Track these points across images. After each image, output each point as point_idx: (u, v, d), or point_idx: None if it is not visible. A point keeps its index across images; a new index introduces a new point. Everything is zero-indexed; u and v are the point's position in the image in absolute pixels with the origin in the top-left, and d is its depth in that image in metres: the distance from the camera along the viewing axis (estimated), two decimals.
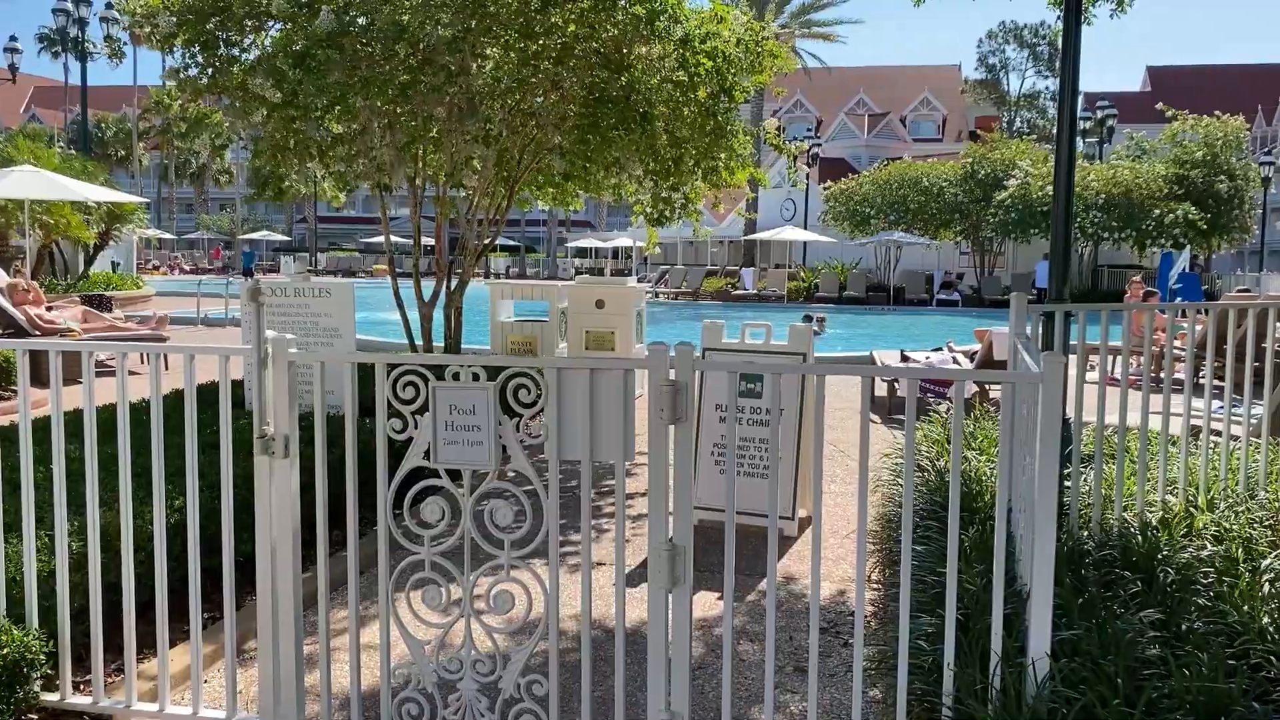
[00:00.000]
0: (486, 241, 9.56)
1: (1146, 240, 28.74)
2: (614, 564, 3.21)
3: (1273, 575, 3.86)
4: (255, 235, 61.44)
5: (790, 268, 36.46)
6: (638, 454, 3.25)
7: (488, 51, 8.10)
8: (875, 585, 5.11)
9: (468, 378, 3.22)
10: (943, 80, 72.43)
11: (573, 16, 7.87)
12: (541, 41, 7.69)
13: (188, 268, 57.05)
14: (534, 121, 8.00)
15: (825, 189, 36.46)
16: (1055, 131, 5.83)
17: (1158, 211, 27.98)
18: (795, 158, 9.74)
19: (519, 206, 11.09)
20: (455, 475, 3.28)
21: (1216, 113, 31.09)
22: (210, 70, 7.75)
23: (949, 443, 6.13)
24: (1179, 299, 22.83)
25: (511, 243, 65.67)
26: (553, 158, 8.19)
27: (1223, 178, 29.27)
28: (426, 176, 9.06)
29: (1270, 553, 4.17)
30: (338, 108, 7.71)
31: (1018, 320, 4.74)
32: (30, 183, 14.31)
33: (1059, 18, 7.98)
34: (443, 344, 9.32)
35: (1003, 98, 77.08)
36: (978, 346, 11.27)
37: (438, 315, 9.36)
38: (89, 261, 23.41)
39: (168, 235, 64.71)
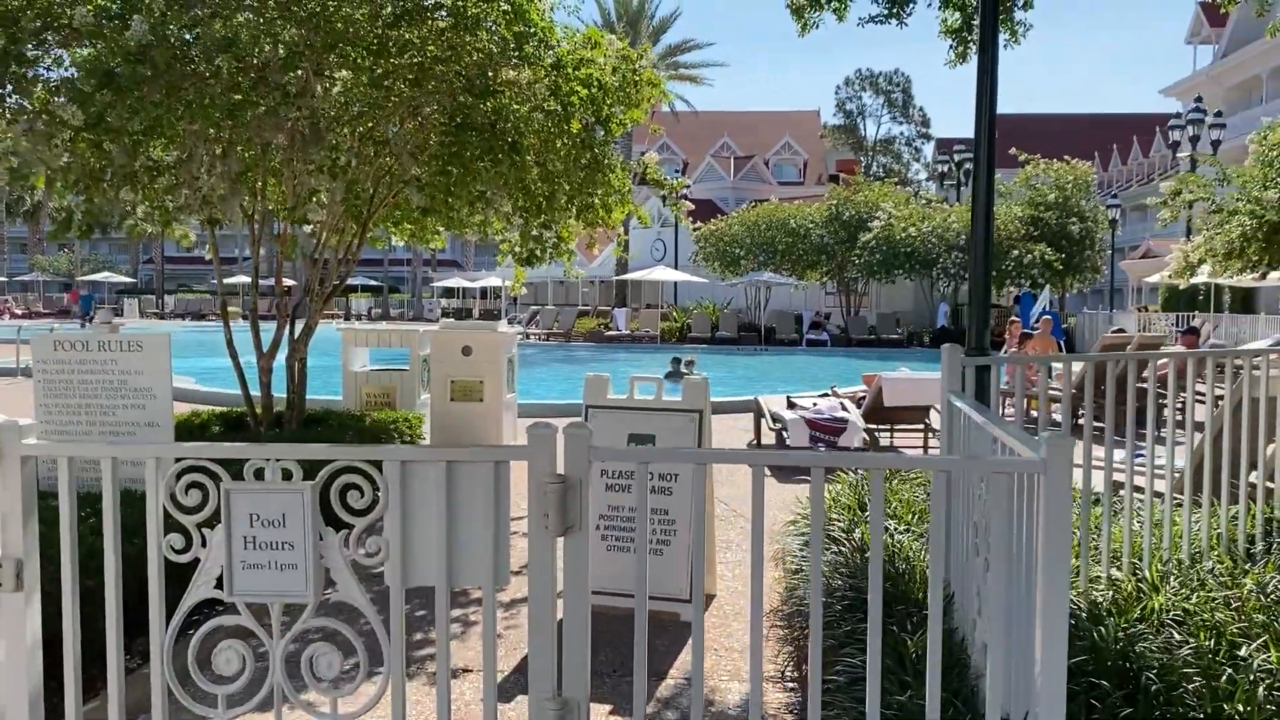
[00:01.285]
0: (336, 283, 8.57)
1: (1006, 280, 29.50)
2: None
3: (1263, 675, 3.29)
4: (96, 277, 57.69)
5: (662, 308, 36.14)
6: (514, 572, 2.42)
7: (337, 73, 7.20)
8: (792, 686, 4.38)
9: (276, 476, 2.34)
10: (803, 125, 74.16)
11: (430, 35, 7.06)
12: (395, 61, 6.84)
13: (19, 311, 53.06)
14: (388, 150, 7.11)
15: (695, 229, 36.36)
16: (972, 172, 5.33)
17: (1016, 252, 28.77)
18: (674, 191, 9.12)
19: (374, 245, 10.12)
20: (262, 611, 2.40)
21: (1066, 157, 32.37)
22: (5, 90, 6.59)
23: (863, 508, 5.50)
24: None
25: (374, 283, 63.64)
26: (410, 191, 7.31)
27: (1074, 220, 30.38)
28: (266, 211, 8.03)
29: (1244, 642, 3.62)
30: (157, 131, 6.67)
31: (951, 375, 4.12)
32: None
33: (952, 48, 7.63)
34: (285, 397, 8.27)
35: (860, 143, 79.56)
36: (864, 390, 10.84)
37: (282, 365, 8.32)
38: None
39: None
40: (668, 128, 59.72)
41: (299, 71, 6.45)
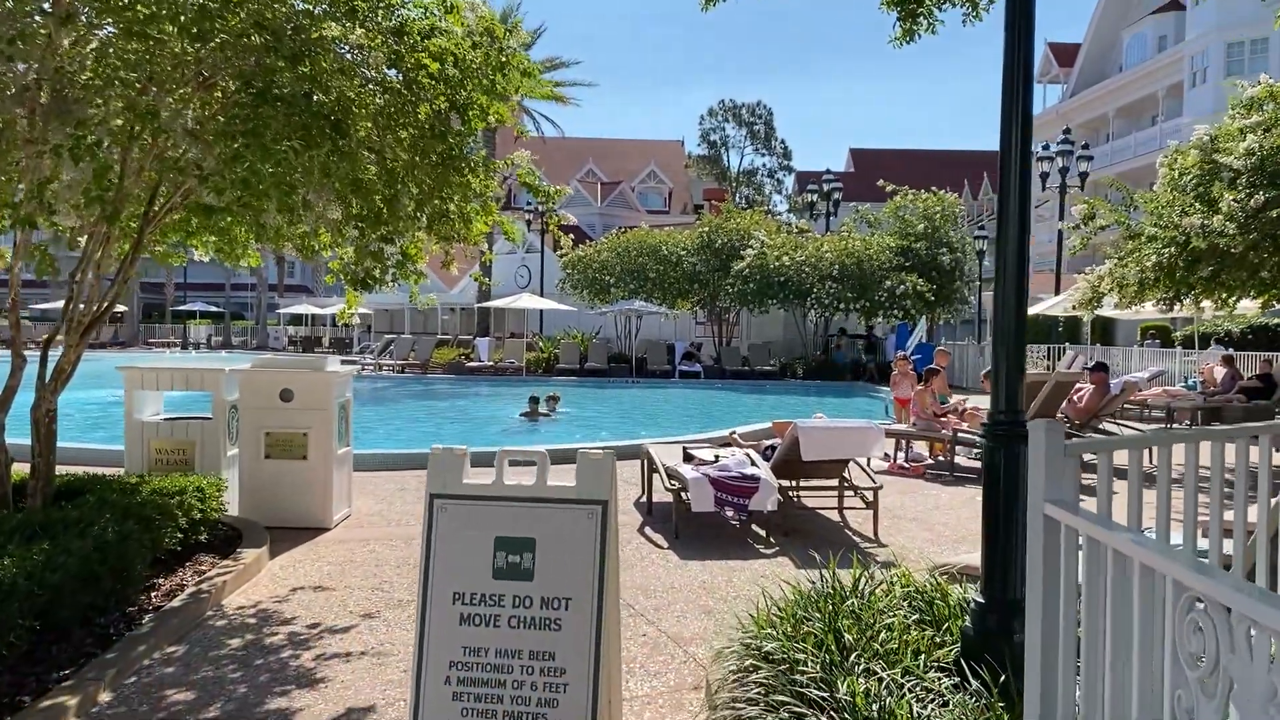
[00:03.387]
0: (101, 306, 6.45)
1: (879, 310, 28.87)
2: None
3: None
4: None
5: (528, 337, 34.22)
6: None
7: (88, 20, 5.19)
8: None
9: None
10: (668, 154, 73.74)
11: None
12: (164, 5, 4.90)
13: None
14: (158, 127, 5.13)
15: (562, 255, 34.67)
16: (999, 184, 3.80)
17: (889, 282, 28.17)
18: (553, 199, 7.39)
19: (159, 261, 8.00)
20: None
21: (934, 188, 32.17)
22: None
23: (845, 648, 3.82)
24: (917, 369, 22.64)
25: (215, 309, 59.43)
26: (189, 181, 5.35)
27: (944, 250, 30.06)
28: None
29: None
30: None
31: (1052, 472, 2.47)
32: None
33: (899, 22, 6.18)
34: (32, 462, 6.11)
35: (724, 173, 79.66)
36: (771, 439, 9.30)
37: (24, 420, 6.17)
38: None
39: None
40: (532, 150, 58.08)
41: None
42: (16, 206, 5.33)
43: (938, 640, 3.86)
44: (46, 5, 4.90)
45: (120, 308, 59.31)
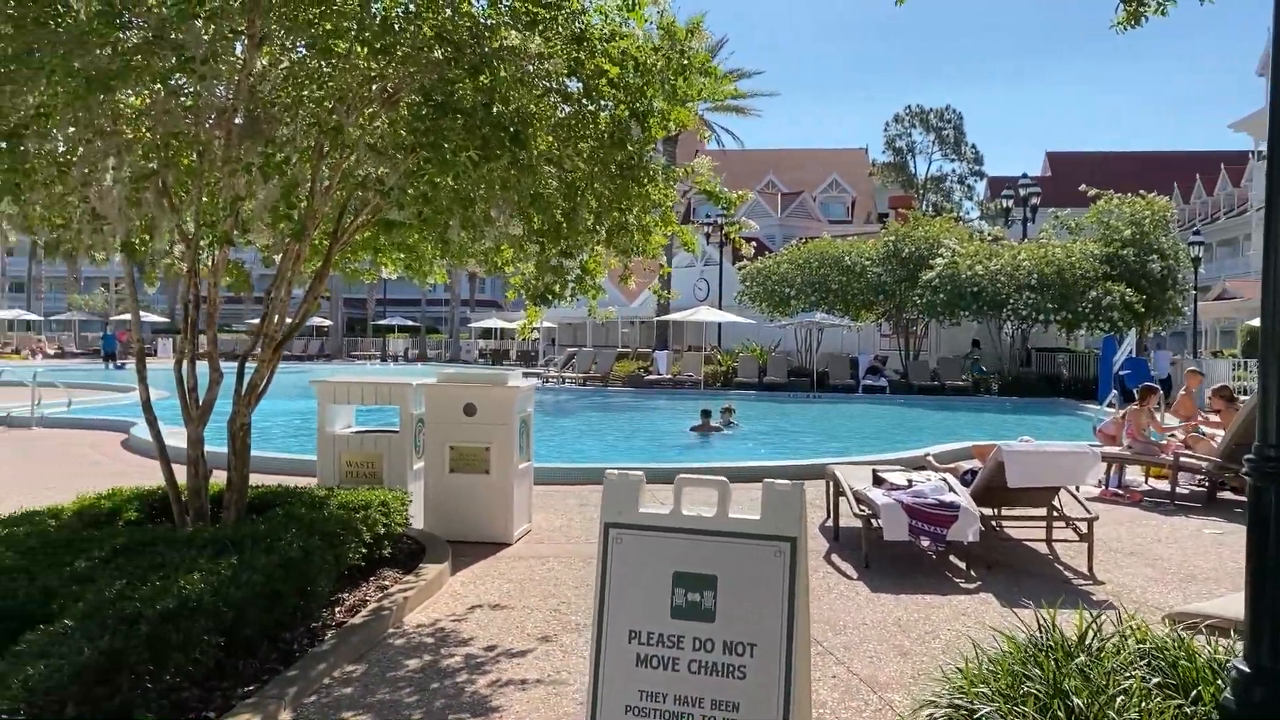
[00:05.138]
0: (294, 322, 6.60)
1: (1082, 322, 27.06)
2: None
3: None
4: (128, 316, 56.76)
5: (706, 350, 34.03)
6: None
7: (274, 35, 5.29)
8: None
9: None
10: (850, 163, 72.27)
11: None
12: (349, 20, 4.90)
13: (51, 351, 52.21)
14: (342, 143, 5.15)
15: (740, 268, 34.33)
16: (1269, 171, 3.21)
17: (1094, 293, 26.33)
18: (735, 207, 7.08)
19: (348, 279, 8.17)
20: None
21: (1141, 192, 30.00)
22: None
23: (1063, 706, 3.30)
24: (1127, 385, 20.93)
25: (412, 323, 62.28)
26: (371, 196, 5.35)
27: (1155, 257, 27.93)
28: (195, 230, 6.09)
29: None
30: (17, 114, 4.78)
31: None
32: None
33: (1123, 4, 5.55)
34: (227, 474, 6.30)
35: (910, 180, 77.37)
36: (971, 463, 8.66)
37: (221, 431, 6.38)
38: None
39: (34, 316, 59.64)
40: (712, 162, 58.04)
41: (203, 23, 4.53)
42: (215, 225, 5.47)
43: (1187, 711, 3.30)
44: (241, 27, 4.99)
45: (326, 322, 63.05)
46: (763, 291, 32.55)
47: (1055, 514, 7.83)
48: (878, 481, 8.01)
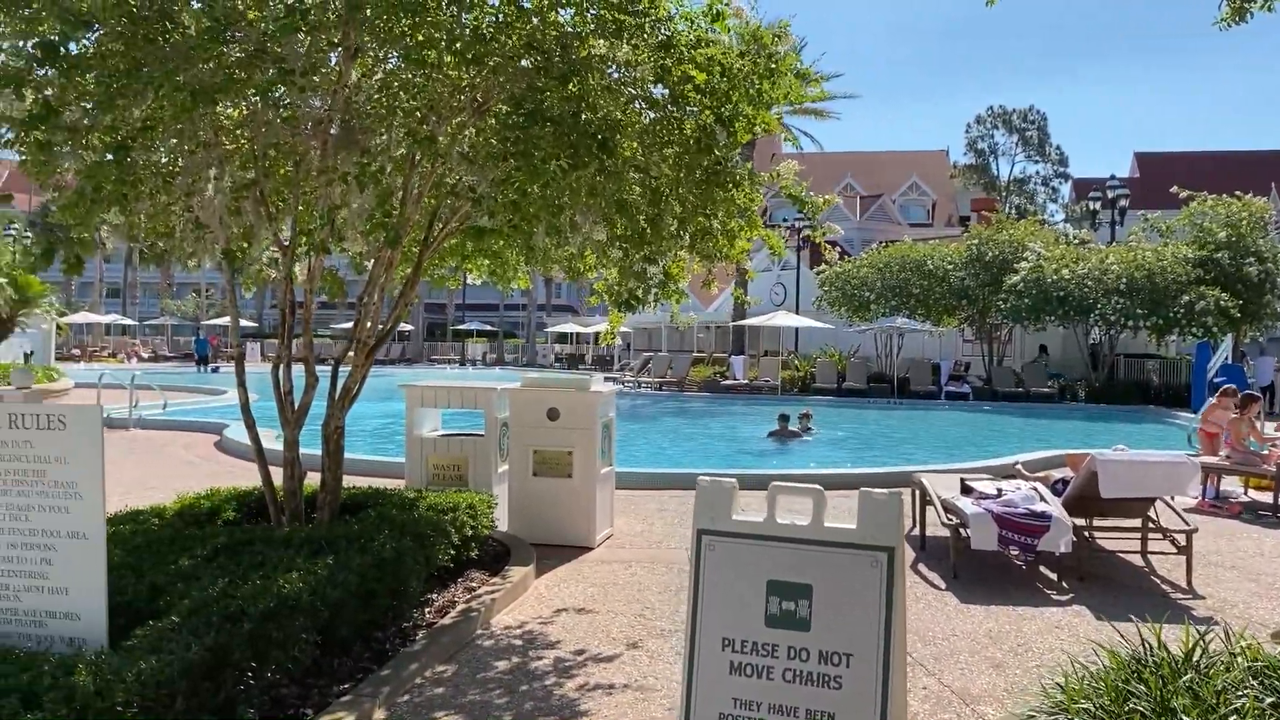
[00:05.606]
0: (385, 327, 6.74)
1: (1173, 327, 26.16)
2: None
3: None
4: (219, 321, 58.47)
5: (784, 355, 33.77)
6: None
7: (370, 48, 5.41)
8: None
9: None
10: (930, 165, 71.12)
11: None
12: (441, 31, 4.98)
13: (145, 355, 54.07)
14: (434, 152, 5.24)
15: (819, 272, 34.00)
16: None
17: (1187, 297, 25.45)
18: (816, 207, 7.02)
19: (434, 285, 8.31)
20: None
21: (1237, 193, 28.92)
22: None
23: None
24: None
25: (489, 328, 63.04)
26: (463, 204, 5.44)
27: (1251, 261, 26.88)
28: (292, 238, 6.26)
29: None
30: (124, 124, 4.97)
31: None
32: None
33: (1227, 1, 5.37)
34: (321, 476, 6.45)
35: (992, 182, 75.84)
36: (1061, 472, 8.45)
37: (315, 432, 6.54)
38: None
39: (129, 321, 61.80)
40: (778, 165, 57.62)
41: (304, 36, 4.65)
42: (311, 233, 5.61)
43: None
44: (337, 38, 5.11)
45: (407, 327, 64.24)
46: (842, 296, 32.16)
47: (1151, 525, 7.59)
48: (966, 490, 7.86)
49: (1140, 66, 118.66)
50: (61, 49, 4.69)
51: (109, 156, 5.18)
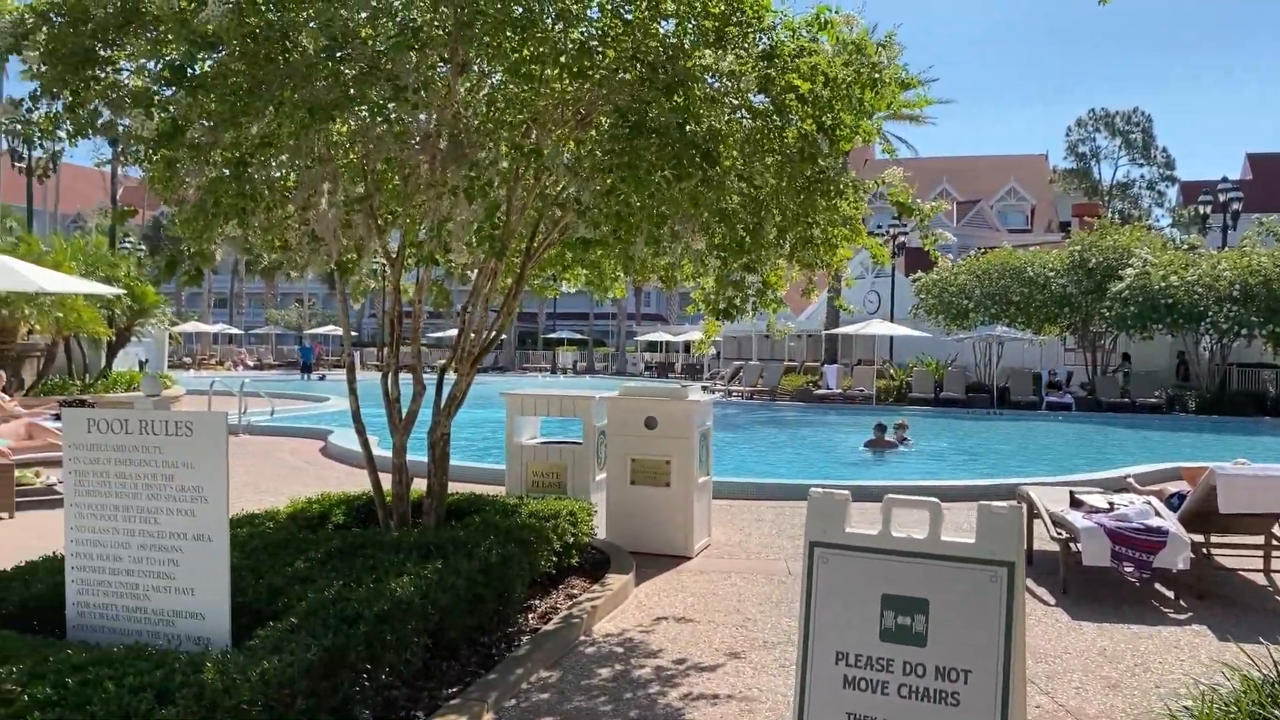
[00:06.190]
0: (489, 336, 6.86)
1: None
2: None
3: None
4: (323, 330, 60.29)
5: (878, 364, 33.27)
6: None
7: (476, 62, 5.52)
8: None
9: None
10: (1029, 170, 69.41)
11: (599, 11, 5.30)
12: (548, 46, 5.05)
13: (251, 363, 56.00)
14: (539, 164, 5.33)
15: (915, 280, 33.43)
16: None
17: None
18: (925, 214, 6.91)
19: (535, 294, 8.41)
20: None
21: None
22: (74, 100, 5.22)
23: None
24: None
25: (579, 336, 63.62)
26: (568, 217, 5.51)
27: None
28: (400, 250, 6.42)
29: None
30: (244, 141, 5.16)
31: None
32: None
33: None
34: (427, 482, 6.59)
35: (1094, 187, 73.54)
36: (1178, 486, 8.14)
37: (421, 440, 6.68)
38: (109, 359, 21.46)
39: (235, 330, 64.12)
40: (885, 171, 56.84)
41: (414, 53, 4.77)
42: (420, 245, 5.75)
43: None
44: (445, 54, 5.23)
45: (501, 335, 65.17)
46: (939, 304, 31.56)
47: (1276, 543, 7.26)
48: (1076, 504, 7.63)
49: (1251, 64, 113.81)
50: (187, 70, 4.90)
51: (227, 172, 5.39)
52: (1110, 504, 7.40)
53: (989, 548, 3.15)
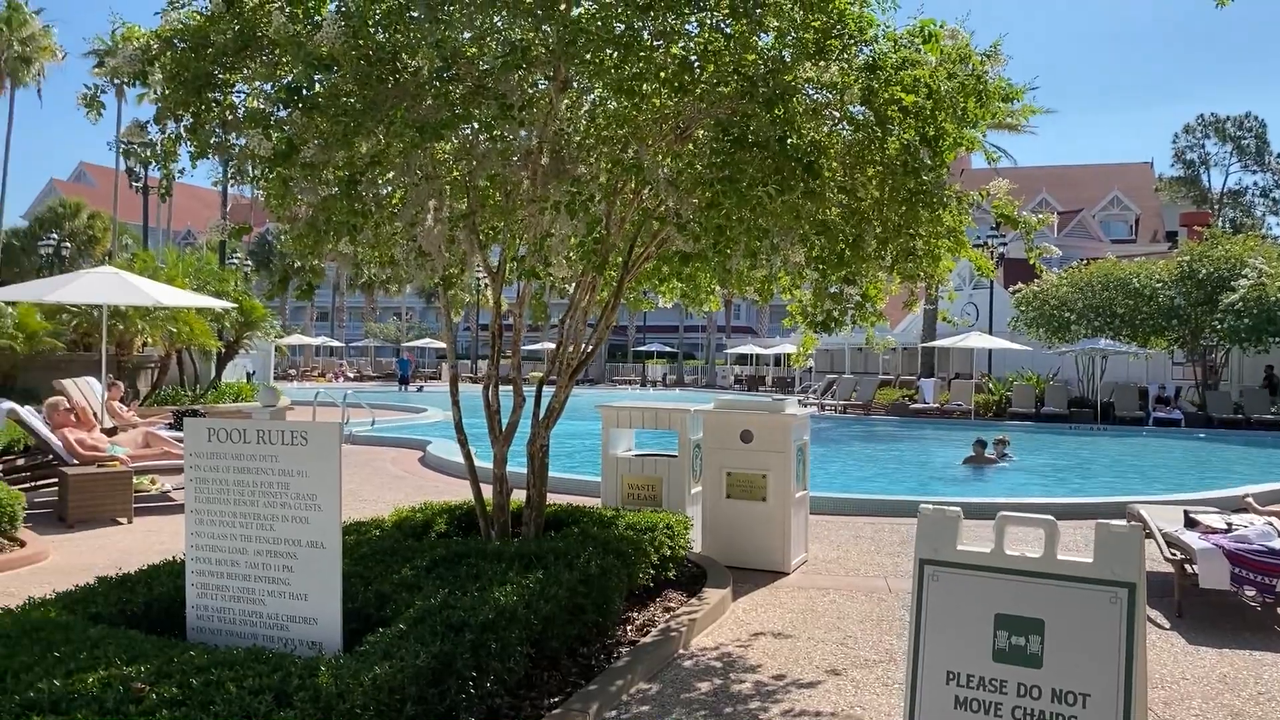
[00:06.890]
0: (587, 349, 6.93)
1: None
2: None
3: None
4: (419, 343, 61.60)
5: (976, 378, 32.53)
6: None
7: (577, 79, 5.60)
8: None
9: None
10: (1133, 178, 67.23)
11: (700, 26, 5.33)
12: (650, 56, 5.09)
13: (351, 375, 57.50)
14: (641, 179, 5.37)
15: (1014, 292, 32.62)
16: None
17: None
18: (1031, 227, 6.74)
19: (630, 308, 8.45)
20: None
21: None
22: (195, 122, 5.46)
23: None
24: None
25: (669, 349, 63.71)
26: (669, 231, 5.53)
27: None
28: (500, 264, 6.54)
29: None
30: (354, 161, 5.33)
31: None
32: (102, 286, 12.75)
33: None
34: (527, 492, 6.69)
35: (1203, 195, 70.77)
36: None
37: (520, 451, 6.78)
38: (219, 370, 22.29)
39: (336, 343, 65.98)
40: (982, 182, 55.62)
41: (519, 72, 4.86)
42: (521, 260, 5.84)
43: None
44: (549, 73, 5.32)
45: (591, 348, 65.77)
46: (1040, 316, 30.70)
47: None
48: (1191, 524, 7.34)
49: None
50: (302, 90, 5.08)
51: (338, 190, 5.57)
52: (1228, 524, 7.10)
53: (1109, 568, 3.06)
